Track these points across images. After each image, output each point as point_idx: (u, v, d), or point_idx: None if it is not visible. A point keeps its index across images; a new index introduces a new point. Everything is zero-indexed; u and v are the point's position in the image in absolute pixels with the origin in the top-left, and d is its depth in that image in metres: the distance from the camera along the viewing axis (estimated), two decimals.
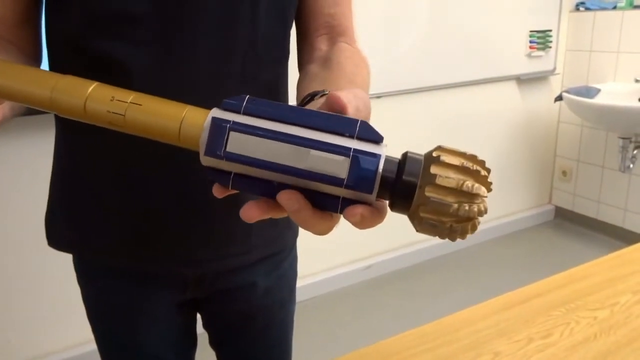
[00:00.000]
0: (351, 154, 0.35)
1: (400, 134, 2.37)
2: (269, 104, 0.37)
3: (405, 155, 0.38)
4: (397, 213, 0.38)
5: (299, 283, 0.85)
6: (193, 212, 0.64)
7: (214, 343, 0.82)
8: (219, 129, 0.36)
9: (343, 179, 0.35)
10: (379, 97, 2.23)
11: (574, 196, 2.90)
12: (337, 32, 0.65)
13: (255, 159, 0.36)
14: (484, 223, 2.73)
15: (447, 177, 0.36)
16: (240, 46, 0.60)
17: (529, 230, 2.89)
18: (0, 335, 1.75)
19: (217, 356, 0.84)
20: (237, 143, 0.36)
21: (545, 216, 2.99)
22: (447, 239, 0.38)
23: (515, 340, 0.78)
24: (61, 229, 0.69)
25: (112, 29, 0.56)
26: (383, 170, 0.36)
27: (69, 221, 0.68)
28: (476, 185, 0.37)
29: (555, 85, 2.83)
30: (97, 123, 0.40)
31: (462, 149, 0.38)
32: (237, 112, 0.37)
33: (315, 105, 0.45)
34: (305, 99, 0.48)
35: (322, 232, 0.38)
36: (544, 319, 0.83)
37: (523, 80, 2.68)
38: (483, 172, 0.37)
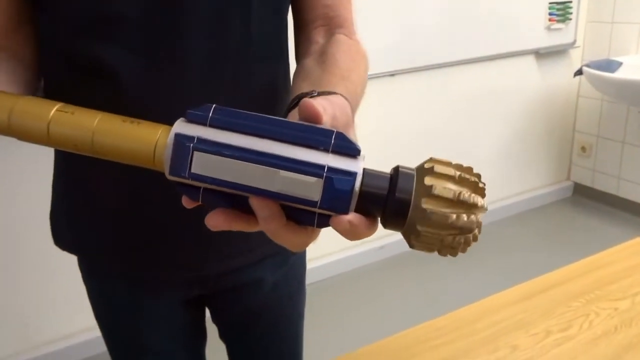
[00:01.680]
0: (324, 174, 0.33)
1: (415, 113, 2.33)
2: (237, 114, 0.35)
3: (396, 169, 0.36)
4: (391, 230, 0.36)
5: (311, 265, 0.83)
6: (190, 215, 0.62)
7: (223, 337, 0.82)
8: (182, 148, 0.34)
9: (316, 202, 0.33)
10: (392, 75, 2.19)
11: (593, 172, 2.84)
12: (335, 24, 0.62)
13: (221, 180, 0.34)
14: (501, 200, 2.69)
15: (444, 187, 0.34)
16: (233, 46, 0.57)
17: (547, 207, 2.84)
18: (18, 319, 1.79)
19: (227, 349, 0.83)
20: (202, 164, 0.33)
21: (564, 193, 2.94)
22: (445, 255, 0.37)
23: (533, 334, 0.77)
24: (63, 230, 0.69)
25: (100, 33, 0.54)
26: (373, 187, 0.35)
27: (70, 224, 0.68)
28: (473, 195, 0.35)
29: (575, 59, 2.75)
30: (62, 147, 0.38)
31: (454, 161, 0.37)
32: (203, 124, 0.34)
33: None
34: (293, 102, 0.46)
35: (297, 246, 0.36)
36: (563, 310, 0.82)
37: (542, 54, 2.61)
38: (477, 182, 0.36)
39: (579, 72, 2.43)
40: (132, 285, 0.71)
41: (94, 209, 0.64)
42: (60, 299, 1.80)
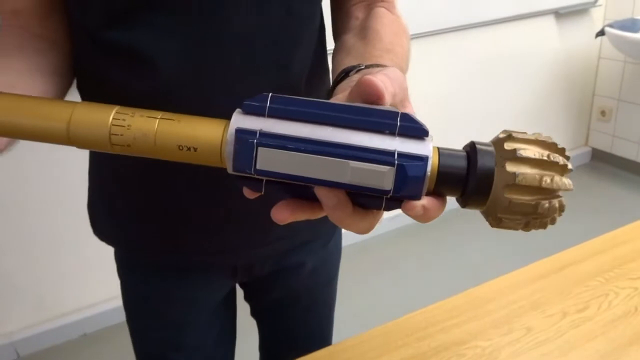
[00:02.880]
0: (396, 162, 0.31)
1: (431, 80, 2.26)
2: (295, 101, 0.33)
3: (472, 146, 0.34)
4: (470, 209, 0.35)
5: None
6: (231, 204, 0.60)
7: (255, 315, 0.83)
8: (244, 144, 0.32)
9: (389, 190, 0.32)
10: None
11: (612, 137, 2.76)
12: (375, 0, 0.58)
13: (289, 175, 0.32)
14: None
15: (528, 174, 0.33)
16: (272, 31, 0.54)
17: None
18: (33, 292, 1.81)
19: (259, 327, 0.84)
20: (267, 159, 0.32)
21: (581, 159, 2.88)
22: (529, 230, 0.36)
23: (548, 315, 0.74)
24: (101, 222, 0.68)
25: (133, 18, 0.50)
26: (451, 167, 0.33)
27: (108, 216, 0.66)
28: (559, 179, 0.34)
29: (597, 18, 2.63)
30: (123, 152, 0.35)
31: (531, 133, 0.35)
32: (262, 115, 0.32)
33: (350, 82, 0.40)
34: (340, 75, 0.43)
35: (363, 230, 0.35)
36: (580, 290, 0.79)
37: (562, 14, 2.50)
38: (562, 161, 0.34)
39: (601, 33, 2.33)
40: (174, 275, 0.69)
41: (135, 200, 0.62)
42: (73, 271, 1.82)
